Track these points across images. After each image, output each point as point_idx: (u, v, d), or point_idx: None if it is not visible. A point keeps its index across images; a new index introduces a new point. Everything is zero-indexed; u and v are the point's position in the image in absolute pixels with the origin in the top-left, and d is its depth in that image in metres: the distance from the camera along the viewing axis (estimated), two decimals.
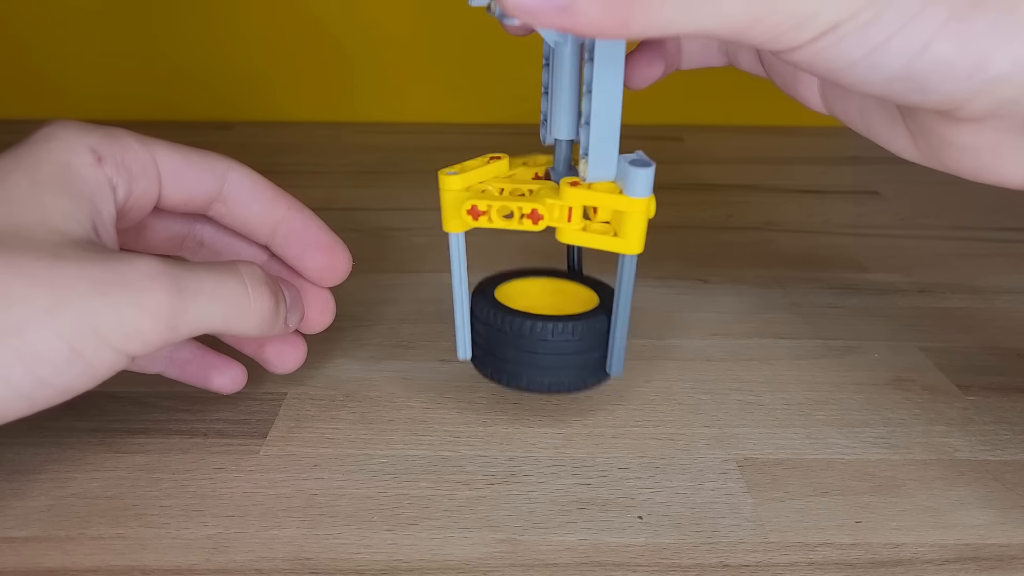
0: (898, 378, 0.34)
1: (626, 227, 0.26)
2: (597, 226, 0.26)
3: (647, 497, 0.27)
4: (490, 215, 0.26)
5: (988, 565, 0.24)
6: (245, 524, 0.25)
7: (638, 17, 0.19)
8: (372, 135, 0.67)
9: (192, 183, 0.28)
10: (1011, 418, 0.31)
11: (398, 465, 0.28)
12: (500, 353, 0.29)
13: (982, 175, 0.24)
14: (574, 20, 0.19)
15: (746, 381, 0.34)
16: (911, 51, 0.20)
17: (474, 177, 0.27)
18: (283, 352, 0.30)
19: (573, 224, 0.26)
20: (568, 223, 0.26)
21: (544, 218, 0.26)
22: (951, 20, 0.20)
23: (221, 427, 0.30)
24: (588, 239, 0.26)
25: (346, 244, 0.31)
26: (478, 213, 0.26)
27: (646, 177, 0.25)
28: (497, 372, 0.29)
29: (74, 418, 0.30)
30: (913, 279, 0.43)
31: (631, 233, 0.26)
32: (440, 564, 0.24)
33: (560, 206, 0.26)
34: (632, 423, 0.31)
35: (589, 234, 0.26)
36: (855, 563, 0.24)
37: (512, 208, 0.26)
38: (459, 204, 0.26)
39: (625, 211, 0.25)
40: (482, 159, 0.28)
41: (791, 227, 0.50)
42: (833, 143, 0.69)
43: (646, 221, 0.26)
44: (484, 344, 0.29)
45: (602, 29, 0.19)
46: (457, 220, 0.27)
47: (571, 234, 0.26)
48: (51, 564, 0.24)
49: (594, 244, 0.26)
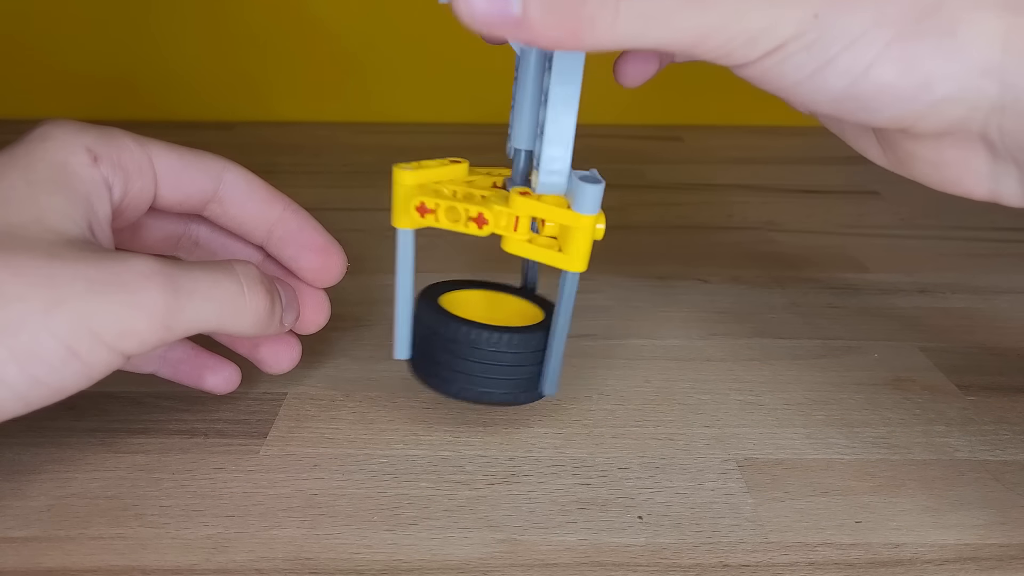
0: (898, 378, 0.34)
1: (571, 243, 0.25)
2: (543, 240, 0.26)
3: (647, 497, 0.27)
4: (437, 214, 0.26)
5: (988, 565, 0.24)
6: (245, 524, 0.25)
7: (590, 32, 0.19)
8: (371, 135, 0.67)
9: (188, 183, 0.28)
10: (1011, 418, 0.31)
11: (398, 465, 0.28)
12: (434, 357, 0.28)
13: (948, 187, 0.24)
14: (527, 33, 0.19)
15: (746, 381, 0.34)
16: (853, 72, 0.20)
17: (429, 176, 0.27)
18: (278, 352, 0.30)
19: (519, 234, 0.26)
20: (514, 232, 0.26)
21: (489, 223, 0.25)
22: (893, 43, 0.20)
23: (221, 427, 0.30)
24: (533, 251, 0.26)
25: (344, 244, 0.31)
26: (425, 211, 0.26)
27: (595, 194, 0.24)
28: (430, 376, 0.28)
29: (74, 418, 0.30)
30: (913, 279, 0.43)
31: (575, 250, 0.25)
32: (440, 564, 0.24)
33: (508, 214, 0.25)
34: (632, 423, 0.31)
35: (534, 246, 0.26)
36: (855, 563, 0.24)
37: (459, 209, 0.26)
38: (409, 200, 0.26)
39: (571, 226, 0.25)
40: (442, 161, 0.27)
41: (791, 227, 0.50)
42: (833, 143, 0.69)
43: (591, 239, 0.25)
44: (421, 347, 0.29)
45: (555, 42, 0.20)
46: (406, 216, 0.26)
47: (516, 244, 0.26)
48: (51, 564, 0.24)
49: (538, 257, 0.26)
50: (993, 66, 0.21)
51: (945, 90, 0.21)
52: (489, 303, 0.31)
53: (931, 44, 0.20)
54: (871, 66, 0.20)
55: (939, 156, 0.23)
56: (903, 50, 0.20)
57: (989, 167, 0.23)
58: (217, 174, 0.28)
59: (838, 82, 0.21)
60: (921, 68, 0.20)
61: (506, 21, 0.19)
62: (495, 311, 0.31)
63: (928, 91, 0.21)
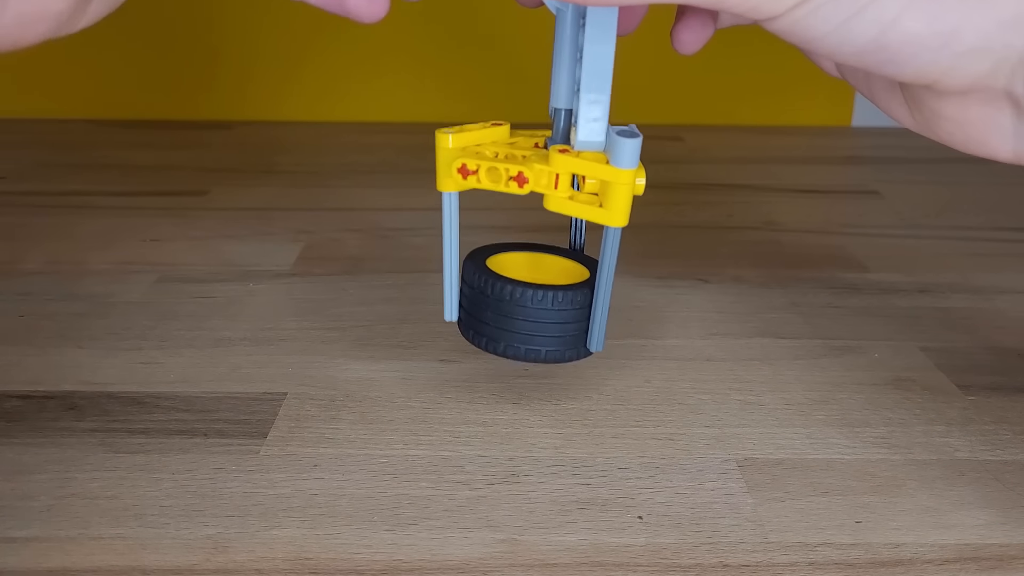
0: (898, 378, 0.34)
1: (611, 199, 0.25)
2: (584, 196, 0.26)
3: (647, 497, 0.27)
4: (479, 175, 0.26)
5: (988, 565, 0.24)
6: (245, 524, 0.25)
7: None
8: (372, 135, 0.67)
9: None
10: (1011, 418, 0.31)
11: (398, 465, 0.28)
12: (481, 316, 0.28)
13: (973, 148, 0.24)
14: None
15: (746, 381, 0.34)
16: (881, 23, 0.20)
17: (470, 139, 0.27)
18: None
19: (560, 192, 0.26)
20: (555, 190, 0.26)
21: (529, 182, 0.26)
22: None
23: (221, 427, 0.30)
24: (574, 208, 0.26)
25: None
26: (467, 172, 0.26)
27: (633, 147, 0.24)
28: (477, 335, 0.29)
29: (74, 418, 0.30)
30: (913, 279, 0.43)
31: (615, 205, 0.25)
32: (440, 564, 0.24)
33: (548, 172, 0.26)
34: (632, 423, 0.31)
35: (575, 203, 0.26)
36: (855, 563, 0.24)
37: (500, 170, 0.26)
38: (451, 163, 0.26)
39: (611, 181, 0.25)
40: (483, 124, 0.28)
41: (791, 227, 0.50)
42: (833, 143, 0.69)
43: (631, 194, 0.25)
44: (467, 307, 0.29)
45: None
46: (449, 179, 0.27)
47: (557, 201, 0.26)
48: (51, 564, 0.24)
49: (578, 213, 0.26)
50: (1020, 20, 0.20)
51: (971, 42, 0.21)
52: (535, 264, 0.31)
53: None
54: (898, 17, 0.20)
55: (964, 114, 0.23)
56: (930, 2, 0.20)
57: (1014, 126, 0.23)
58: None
59: (865, 33, 0.21)
60: (948, 19, 0.20)
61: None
62: (541, 271, 0.31)
63: (955, 42, 0.21)
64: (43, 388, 0.32)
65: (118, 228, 0.48)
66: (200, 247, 0.46)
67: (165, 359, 0.34)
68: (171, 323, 0.37)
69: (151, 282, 0.41)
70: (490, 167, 0.26)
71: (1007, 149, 0.23)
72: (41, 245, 0.46)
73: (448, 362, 0.35)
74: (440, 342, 0.36)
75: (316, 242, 0.46)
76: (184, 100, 0.70)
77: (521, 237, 0.34)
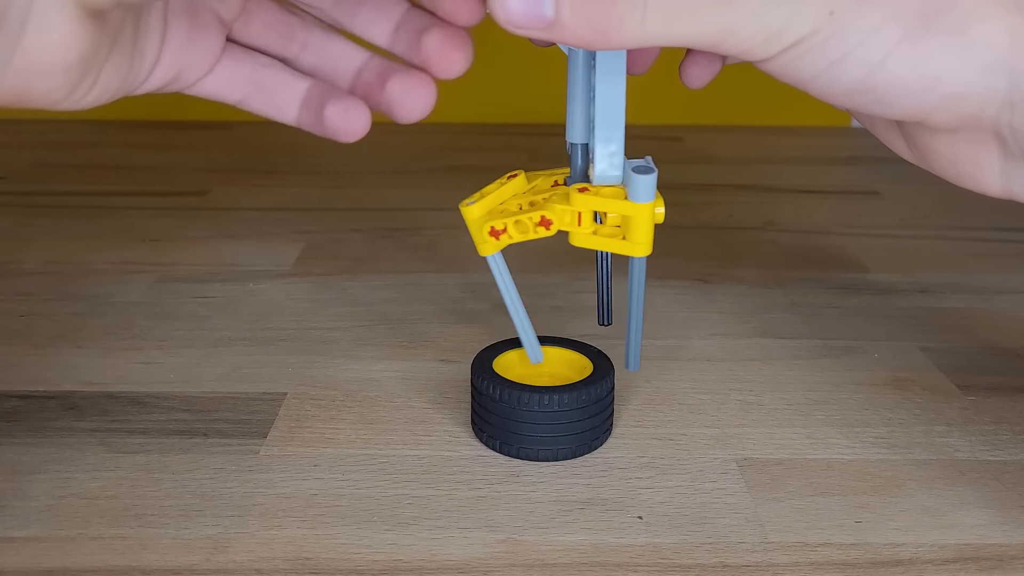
0: (898, 378, 0.34)
1: (633, 231, 0.26)
2: (607, 229, 0.27)
3: (647, 497, 0.27)
4: (508, 231, 0.27)
5: (988, 565, 0.24)
6: (245, 524, 0.25)
7: (619, 31, 0.21)
8: (371, 135, 0.67)
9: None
10: (1011, 418, 0.31)
11: (398, 465, 0.28)
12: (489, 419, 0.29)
13: (964, 182, 0.25)
14: (560, 34, 0.21)
15: (746, 381, 0.34)
16: (867, 66, 0.21)
17: (492, 201, 0.28)
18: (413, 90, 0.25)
19: (584, 228, 0.27)
20: (579, 227, 0.27)
21: (555, 223, 0.27)
22: (904, 40, 0.21)
23: (221, 427, 0.30)
24: (598, 242, 0.27)
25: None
26: (497, 233, 0.27)
27: (648, 183, 0.26)
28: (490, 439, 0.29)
29: (74, 418, 0.30)
30: (913, 279, 0.43)
31: (638, 236, 0.26)
32: (440, 564, 0.24)
33: (571, 211, 0.27)
34: (632, 423, 0.31)
35: (599, 237, 0.27)
36: (855, 563, 0.24)
37: (525, 221, 0.27)
38: (482, 229, 0.27)
39: (631, 216, 0.26)
40: (499, 181, 0.28)
41: (791, 227, 0.50)
42: (833, 143, 0.69)
43: (652, 224, 0.26)
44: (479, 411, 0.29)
45: (586, 42, 0.21)
46: (485, 244, 0.28)
47: (582, 238, 0.27)
48: (51, 564, 0.24)
49: (604, 247, 0.27)
50: (1001, 65, 0.21)
51: (953, 86, 0.21)
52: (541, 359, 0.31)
53: (941, 41, 0.21)
54: (883, 61, 0.21)
55: (955, 151, 0.24)
56: (914, 46, 0.21)
57: (1002, 164, 0.23)
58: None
59: (853, 75, 0.21)
60: (931, 64, 0.21)
61: (539, 23, 0.21)
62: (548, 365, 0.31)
63: (938, 86, 0.21)
64: (43, 388, 0.32)
65: (118, 228, 0.48)
66: (200, 247, 0.46)
67: (165, 359, 0.34)
68: (171, 323, 0.37)
69: (151, 282, 0.41)
70: (516, 220, 0.27)
71: (997, 185, 0.24)
72: (41, 245, 0.46)
73: (448, 362, 0.35)
74: (440, 342, 0.36)
75: (316, 242, 0.46)
76: (184, 100, 0.70)
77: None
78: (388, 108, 0.26)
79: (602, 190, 0.27)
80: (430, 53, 0.25)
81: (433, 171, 0.59)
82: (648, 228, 0.26)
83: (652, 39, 0.21)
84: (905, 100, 0.22)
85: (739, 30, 0.21)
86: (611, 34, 0.21)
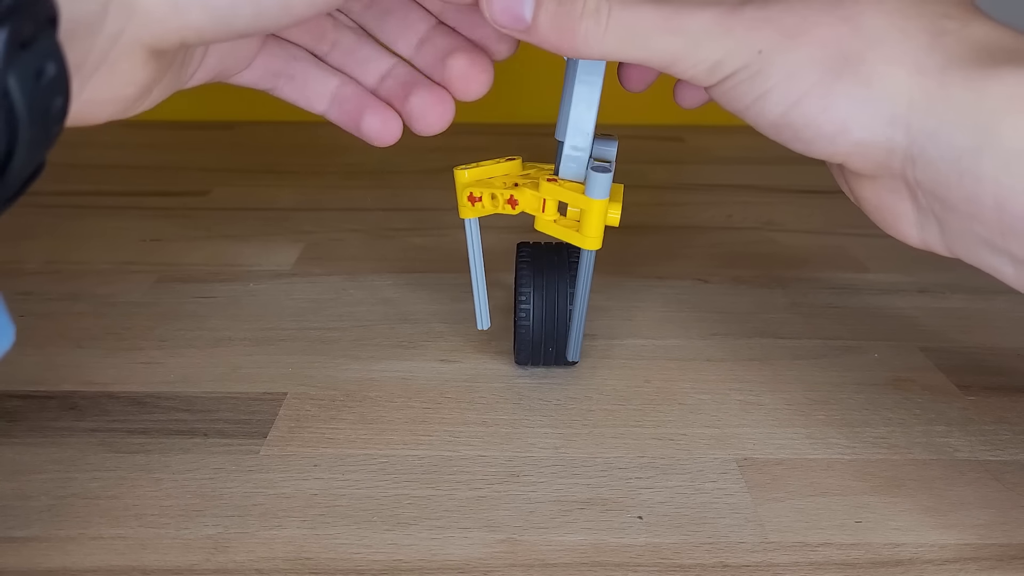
0: (898, 378, 0.34)
1: (585, 224, 0.28)
2: (567, 221, 0.29)
3: (647, 497, 0.27)
4: (483, 201, 0.30)
5: (988, 565, 0.24)
6: (245, 524, 0.25)
7: (583, 43, 0.24)
8: None
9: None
10: (1011, 418, 0.31)
11: (398, 465, 0.28)
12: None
13: (888, 230, 0.26)
14: (535, 37, 0.24)
15: (746, 381, 0.34)
16: (785, 105, 0.23)
17: (482, 173, 0.31)
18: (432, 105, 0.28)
19: (547, 215, 0.29)
20: (542, 213, 0.29)
21: (520, 204, 0.29)
22: (818, 84, 0.23)
23: (221, 427, 0.30)
24: (557, 230, 0.29)
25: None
26: (474, 199, 0.30)
27: (603, 181, 0.27)
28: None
29: (74, 418, 0.30)
30: (913, 279, 0.43)
31: (588, 230, 0.28)
32: (440, 564, 0.24)
33: (537, 197, 0.29)
34: (632, 423, 0.31)
35: (558, 226, 0.29)
36: (855, 563, 0.24)
37: (497, 195, 0.29)
38: (464, 193, 0.30)
39: (584, 209, 0.28)
40: (496, 160, 0.31)
41: (791, 227, 0.50)
42: None
43: (601, 222, 0.28)
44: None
45: (556, 48, 0.24)
46: (465, 207, 0.30)
47: (543, 223, 0.29)
48: (51, 564, 0.24)
49: (561, 235, 0.29)
50: (900, 120, 0.22)
51: (860, 134, 0.23)
52: None
53: (848, 90, 0.23)
54: (799, 101, 0.23)
55: (878, 198, 0.25)
56: (825, 92, 0.23)
57: (916, 214, 0.24)
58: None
59: (773, 111, 0.23)
60: (839, 110, 0.23)
61: (519, 24, 0.24)
62: None
63: (846, 132, 0.23)
64: (43, 388, 0.32)
65: (118, 228, 0.48)
66: (200, 247, 0.46)
67: (165, 359, 0.34)
68: (171, 323, 0.37)
69: (151, 282, 0.41)
70: (491, 193, 0.30)
71: (914, 235, 0.25)
72: (41, 245, 0.46)
73: (448, 362, 0.35)
74: (440, 342, 0.36)
75: (316, 242, 0.46)
76: (185, 100, 0.70)
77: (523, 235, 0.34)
78: (408, 119, 0.29)
79: (567, 183, 0.29)
80: (455, 74, 0.28)
81: (433, 171, 0.59)
82: (598, 223, 0.28)
83: (612, 54, 0.24)
84: (820, 142, 0.23)
85: (685, 57, 0.23)
86: (576, 44, 0.24)
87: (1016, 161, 0.21)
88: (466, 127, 0.68)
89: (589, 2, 0.23)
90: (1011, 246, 0.22)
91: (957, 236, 0.24)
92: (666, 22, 0.23)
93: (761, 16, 0.23)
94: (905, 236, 0.25)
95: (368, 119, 0.29)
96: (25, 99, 0.17)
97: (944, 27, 0.22)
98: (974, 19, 0.23)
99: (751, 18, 0.23)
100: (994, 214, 0.22)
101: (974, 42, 0.22)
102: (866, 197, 0.25)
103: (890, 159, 0.23)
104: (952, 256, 0.25)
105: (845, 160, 0.24)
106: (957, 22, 0.22)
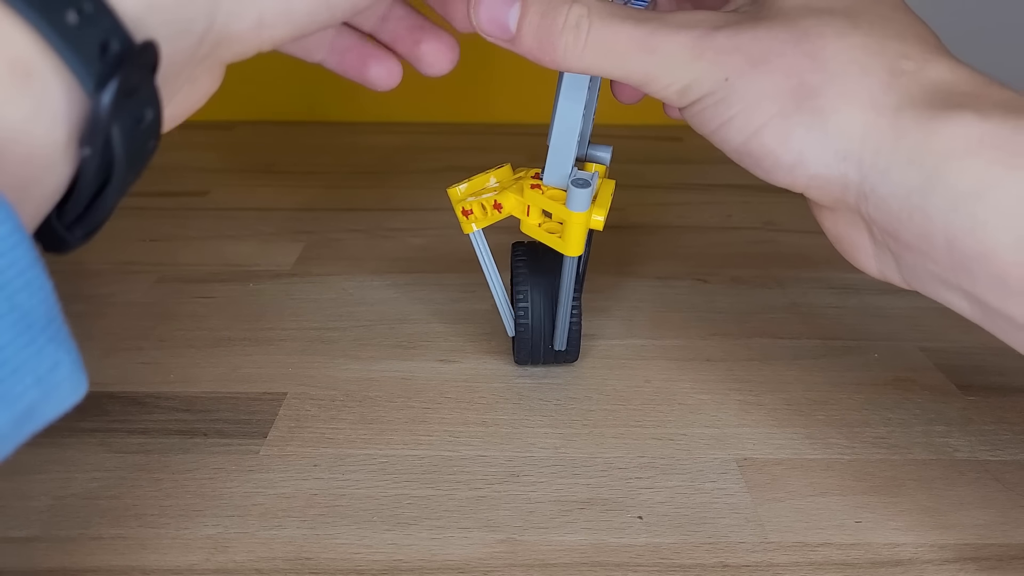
0: (898, 378, 0.34)
1: (566, 232, 0.29)
2: (551, 225, 0.30)
3: (647, 497, 0.27)
4: (475, 213, 0.31)
5: (988, 565, 0.24)
6: (245, 524, 0.25)
7: (563, 56, 0.24)
8: (372, 135, 0.67)
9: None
10: (1011, 418, 0.31)
11: (398, 465, 0.28)
12: None
13: (850, 260, 0.26)
14: (518, 47, 0.25)
15: (746, 381, 0.34)
16: (745, 133, 0.24)
17: (475, 185, 0.31)
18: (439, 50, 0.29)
19: (531, 219, 0.30)
20: (527, 217, 0.30)
21: (505, 207, 0.30)
22: (777, 116, 0.23)
23: (221, 427, 0.30)
24: (541, 234, 0.30)
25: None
26: (467, 213, 0.31)
27: (583, 196, 0.28)
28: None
29: (74, 418, 0.30)
30: None
31: (568, 238, 0.29)
32: (440, 564, 0.24)
33: (520, 201, 0.30)
34: (632, 423, 0.31)
35: (542, 231, 0.30)
36: (855, 563, 0.24)
37: (485, 204, 0.30)
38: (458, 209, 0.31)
39: (564, 220, 0.29)
40: (487, 171, 0.32)
41: (791, 227, 0.50)
42: None
43: (582, 232, 0.29)
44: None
45: (537, 59, 0.25)
46: (464, 223, 0.31)
47: (529, 227, 0.30)
48: (51, 564, 0.24)
49: (542, 239, 0.30)
50: (852, 155, 0.22)
51: (815, 167, 0.23)
52: None
53: (805, 124, 0.23)
54: (759, 131, 0.23)
55: (838, 229, 0.25)
56: (783, 124, 0.23)
57: (872, 246, 0.25)
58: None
59: (736, 138, 0.24)
60: (795, 143, 0.23)
61: (504, 34, 0.24)
62: None
63: (803, 164, 0.23)
64: None
65: (118, 228, 0.48)
66: (200, 247, 0.46)
67: (165, 359, 0.34)
68: (171, 323, 0.37)
69: (151, 282, 0.41)
70: (479, 204, 0.30)
71: (873, 267, 0.25)
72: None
73: (448, 362, 0.35)
74: (440, 342, 0.36)
75: (316, 242, 0.46)
76: None
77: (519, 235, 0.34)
78: (418, 63, 0.30)
79: (550, 190, 0.30)
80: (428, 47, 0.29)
81: (433, 171, 0.59)
82: (579, 233, 0.29)
83: (590, 69, 0.24)
84: (778, 172, 0.24)
85: (658, 78, 0.24)
86: (556, 57, 0.24)
87: (963, 202, 0.21)
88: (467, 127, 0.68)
89: (571, 16, 0.24)
90: (963, 283, 0.22)
91: (912, 271, 0.24)
92: (642, 42, 0.23)
93: (731, 44, 0.23)
94: (864, 267, 0.26)
95: (374, 68, 0.29)
96: (124, 147, 0.17)
97: (902, 67, 0.22)
98: (934, 61, 0.23)
99: (721, 45, 0.23)
100: (945, 252, 0.22)
101: (929, 84, 0.22)
102: (827, 227, 0.26)
103: (845, 194, 0.23)
104: (911, 290, 0.25)
105: (804, 191, 0.24)
106: (915, 63, 0.23)
